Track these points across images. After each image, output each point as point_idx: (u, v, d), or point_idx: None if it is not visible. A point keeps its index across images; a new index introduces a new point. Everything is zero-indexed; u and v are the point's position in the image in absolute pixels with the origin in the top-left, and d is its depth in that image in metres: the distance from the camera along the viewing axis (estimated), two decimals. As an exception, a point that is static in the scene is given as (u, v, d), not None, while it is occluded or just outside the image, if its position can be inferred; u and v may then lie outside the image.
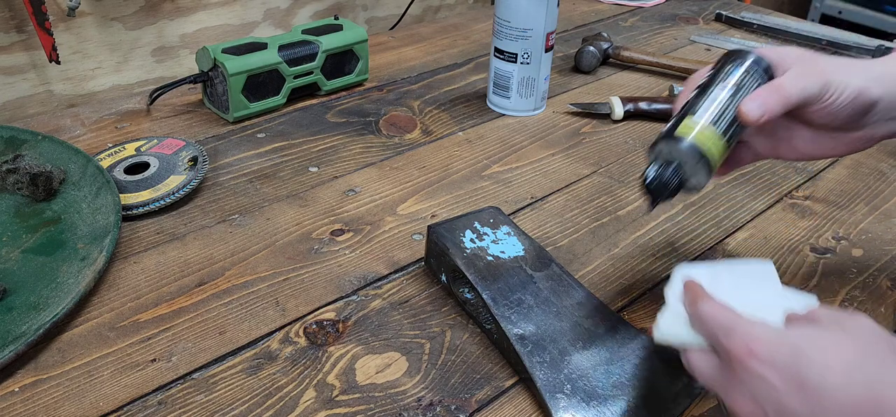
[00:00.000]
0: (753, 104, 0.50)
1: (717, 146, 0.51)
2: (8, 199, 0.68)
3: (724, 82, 0.52)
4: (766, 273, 0.50)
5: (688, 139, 0.50)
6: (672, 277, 0.50)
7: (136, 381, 0.52)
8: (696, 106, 0.52)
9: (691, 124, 0.51)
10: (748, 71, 0.52)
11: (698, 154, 0.50)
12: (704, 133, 0.50)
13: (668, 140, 0.51)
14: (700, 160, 0.50)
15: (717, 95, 0.52)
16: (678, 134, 0.51)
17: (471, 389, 0.53)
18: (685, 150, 0.50)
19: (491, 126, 0.91)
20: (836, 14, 2.42)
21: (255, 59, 0.86)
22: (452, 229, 0.63)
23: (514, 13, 0.88)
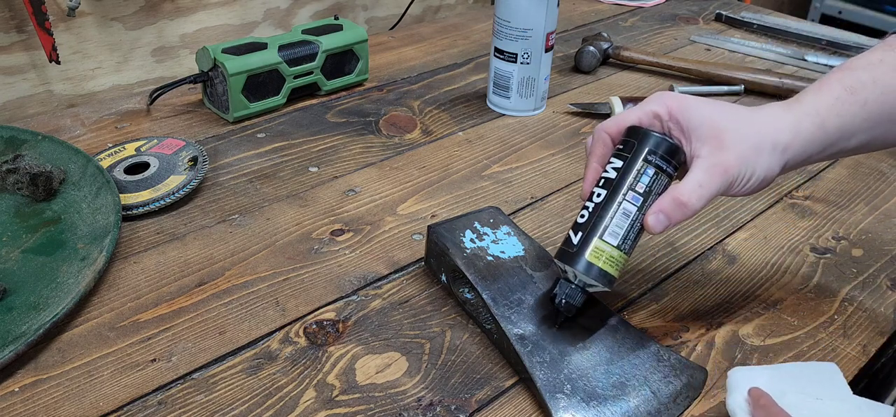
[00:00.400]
0: (657, 219, 0.51)
1: (620, 264, 0.53)
2: (8, 199, 0.68)
3: (632, 189, 0.52)
4: (833, 378, 0.50)
5: (594, 264, 0.52)
6: (729, 385, 0.50)
7: (136, 381, 0.52)
8: (602, 222, 0.52)
9: (598, 247, 0.52)
10: (657, 171, 0.52)
11: (605, 276, 0.52)
12: (610, 256, 0.52)
13: (573, 262, 0.52)
14: (607, 279, 0.52)
15: (626, 209, 0.52)
16: (586, 257, 0.52)
17: (471, 389, 0.53)
18: (593, 275, 0.52)
19: (491, 126, 0.91)
20: (836, 14, 2.42)
21: (255, 59, 0.86)
22: (452, 229, 0.63)
23: (514, 13, 0.88)
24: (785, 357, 0.57)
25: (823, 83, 0.54)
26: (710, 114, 0.52)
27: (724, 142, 0.51)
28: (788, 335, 0.60)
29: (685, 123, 0.52)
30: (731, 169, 0.51)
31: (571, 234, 0.53)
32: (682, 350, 0.57)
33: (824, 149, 0.53)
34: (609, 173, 0.53)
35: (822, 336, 0.60)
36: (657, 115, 0.53)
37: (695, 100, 0.53)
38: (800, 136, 0.52)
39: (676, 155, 0.53)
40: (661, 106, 0.53)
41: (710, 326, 0.60)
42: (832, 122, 0.52)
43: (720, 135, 0.51)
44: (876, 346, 0.59)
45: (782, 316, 0.62)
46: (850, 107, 0.52)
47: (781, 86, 1.01)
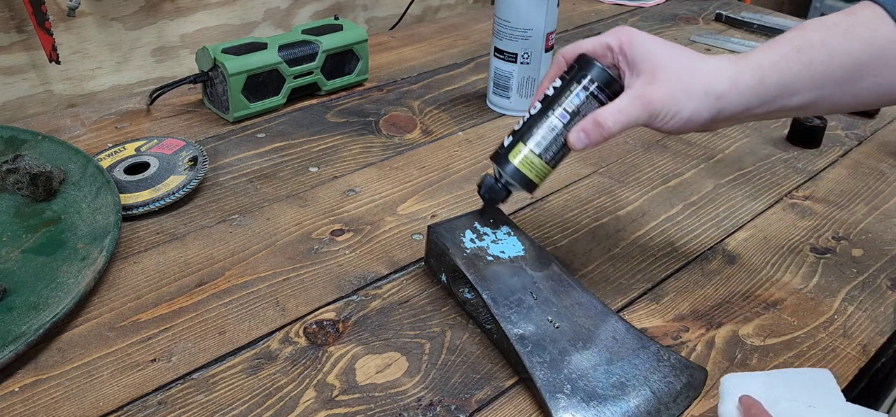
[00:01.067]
0: (577, 136, 0.55)
1: (540, 171, 0.58)
2: (8, 199, 0.68)
3: (563, 107, 0.56)
4: (826, 385, 0.50)
5: (514, 164, 0.58)
6: (722, 392, 0.51)
7: (136, 381, 0.52)
8: (531, 132, 0.57)
9: (521, 151, 0.57)
10: (590, 96, 0.56)
11: (523, 177, 0.58)
12: (531, 161, 0.57)
13: (500, 162, 0.58)
14: (525, 181, 0.58)
15: (553, 123, 0.57)
16: (510, 158, 0.58)
17: (471, 389, 0.53)
18: (511, 174, 0.58)
19: (491, 126, 0.91)
20: (836, 14, 2.42)
21: (255, 59, 0.86)
22: (452, 229, 0.63)
23: (514, 13, 0.88)
24: (785, 357, 0.57)
25: (774, 41, 0.55)
26: (655, 51, 0.54)
27: (656, 76, 0.53)
28: (788, 335, 0.60)
29: (631, 56, 0.55)
30: (655, 102, 0.53)
31: (506, 138, 0.59)
32: (682, 351, 0.57)
33: (763, 104, 0.54)
34: (549, 91, 0.58)
35: (822, 336, 0.60)
36: (609, 46, 0.56)
37: (646, 36, 0.55)
38: (737, 87, 0.53)
39: (611, 85, 0.56)
40: (614, 38, 0.56)
41: (710, 326, 0.60)
42: (772, 78, 0.53)
43: (656, 70, 0.53)
44: (876, 346, 0.59)
45: (782, 316, 0.62)
46: (793, 65, 0.53)
47: (781, 86, 1.01)
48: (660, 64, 0.54)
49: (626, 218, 0.74)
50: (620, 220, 0.74)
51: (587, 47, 0.57)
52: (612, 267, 0.67)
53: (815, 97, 0.54)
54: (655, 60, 0.54)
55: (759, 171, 0.84)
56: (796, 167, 0.85)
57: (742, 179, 0.82)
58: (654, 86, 0.53)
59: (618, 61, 0.56)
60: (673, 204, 0.77)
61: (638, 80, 0.54)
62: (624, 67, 0.56)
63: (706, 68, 0.54)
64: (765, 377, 0.51)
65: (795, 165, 0.86)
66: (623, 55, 0.55)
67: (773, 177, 0.83)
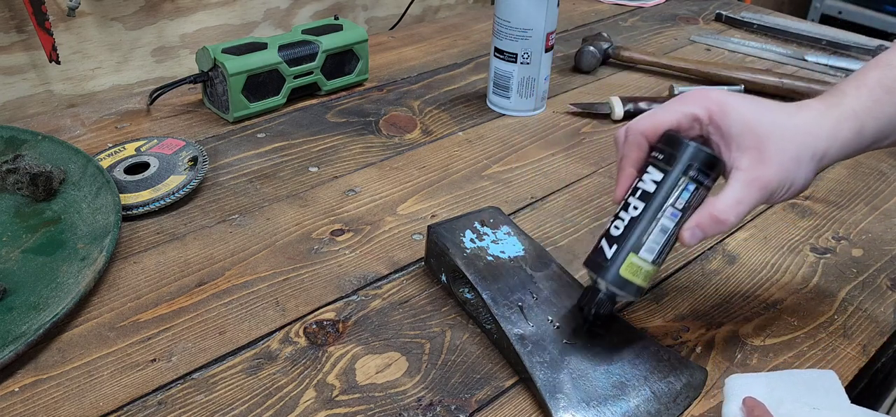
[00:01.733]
0: (692, 235, 0.50)
1: (649, 275, 0.52)
2: (8, 199, 0.68)
3: (672, 205, 0.51)
4: (831, 386, 0.50)
5: (626, 277, 0.51)
6: (726, 392, 0.50)
7: (136, 381, 0.52)
8: (640, 238, 0.51)
9: (632, 260, 0.51)
10: (697, 186, 0.51)
11: (637, 288, 0.51)
12: (643, 269, 0.51)
13: (606, 275, 0.51)
14: (637, 291, 0.52)
15: (663, 225, 0.51)
16: (620, 271, 0.51)
17: (471, 389, 0.53)
18: (622, 286, 0.51)
19: (491, 126, 0.91)
20: (836, 14, 2.42)
21: (255, 59, 0.86)
22: (452, 229, 0.63)
23: (514, 13, 0.88)
24: (785, 357, 0.57)
25: (862, 80, 0.52)
26: (751, 120, 0.50)
27: (764, 153, 0.49)
28: (788, 335, 0.60)
29: (725, 129, 0.51)
30: (771, 183, 0.50)
31: (605, 246, 0.52)
32: (682, 351, 0.57)
33: (859, 151, 0.52)
34: (646, 185, 0.51)
35: (822, 336, 0.60)
36: (696, 119, 0.52)
37: (735, 102, 0.51)
38: (837, 142, 0.51)
39: (716, 167, 0.51)
40: (700, 108, 0.51)
41: (710, 326, 0.60)
42: (870, 126, 0.51)
43: (761, 144, 0.49)
44: (876, 346, 0.59)
45: (782, 316, 0.62)
46: (887, 108, 0.51)
47: (781, 85, 1.01)
48: (763, 135, 0.49)
49: (626, 218, 0.74)
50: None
51: (670, 120, 0.52)
52: (612, 267, 0.67)
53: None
54: (757, 132, 0.50)
55: (759, 171, 0.84)
56: (796, 167, 0.85)
57: (742, 179, 0.82)
58: (766, 166, 0.49)
59: (708, 133, 0.52)
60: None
61: (744, 159, 0.50)
62: (717, 140, 0.51)
63: (805, 128, 0.50)
64: (769, 378, 0.51)
65: (795, 165, 0.85)
66: (715, 127, 0.51)
67: (773, 177, 0.83)
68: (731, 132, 0.50)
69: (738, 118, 0.50)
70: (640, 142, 0.53)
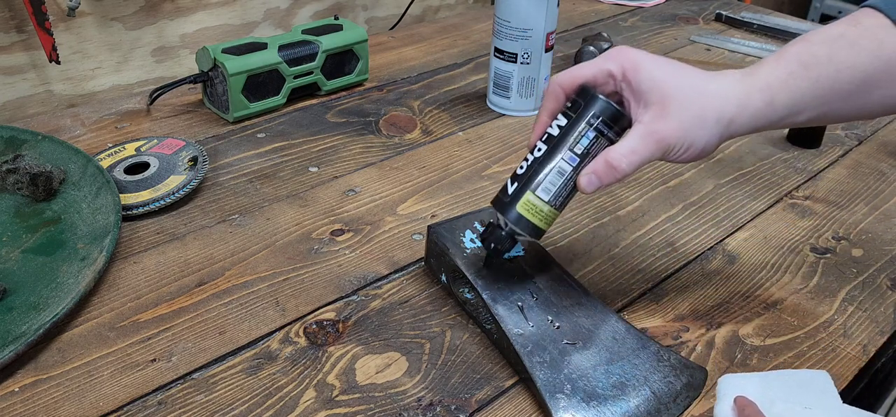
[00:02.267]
0: (588, 180, 0.52)
1: (548, 217, 0.54)
2: (8, 199, 0.68)
3: (571, 149, 0.53)
4: (824, 387, 0.50)
5: (521, 212, 0.54)
6: (719, 392, 0.51)
7: (136, 381, 0.52)
8: (537, 176, 0.53)
9: (528, 198, 0.54)
10: (598, 135, 0.53)
11: (531, 225, 0.54)
12: (539, 208, 0.54)
13: (505, 209, 0.54)
14: (533, 229, 0.54)
15: (561, 167, 0.53)
16: (516, 206, 0.54)
17: (471, 389, 0.53)
18: (517, 222, 0.54)
19: (491, 126, 0.91)
20: (835, 14, 2.42)
21: (255, 59, 0.86)
22: (452, 229, 0.63)
23: (514, 13, 0.88)
24: (785, 357, 0.57)
25: (780, 56, 0.53)
26: (661, 78, 0.52)
27: (667, 109, 0.51)
28: (788, 335, 0.60)
29: (636, 85, 0.52)
30: (668, 138, 0.51)
31: (508, 183, 0.55)
32: (682, 351, 0.57)
33: (771, 124, 0.53)
34: (552, 130, 0.54)
35: (822, 336, 0.60)
36: (611, 74, 0.53)
37: (649, 61, 0.52)
38: (747, 111, 0.52)
39: (620, 121, 0.53)
40: (616, 64, 0.53)
41: (710, 326, 0.60)
42: (782, 99, 0.52)
43: (665, 101, 0.51)
44: (876, 346, 0.59)
45: (782, 316, 0.62)
46: (801, 83, 0.51)
47: (781, 86, 1.01)
48: (668, 94, 0.51)
49: (626, 218, 0.74)
50: (620, 220, 0.74)
51: (586, 75, 0.54)
52: (612, 267, 0.67)
53: (818, 113, 0.53)
54: (663, 90, 0.51)
55: (759, 171, 0.84)
56: (796, 167, 0.85)
57: (742, 179, 0.82)
58: (665, 120, 0.51)
59: (621, 89, 0.53)
60: (673, 204, 0.77)
61: (646, 114, 0.51)
62: (628, 96, 0.53)
63: (715, 92, 0.52)
64: (762, 377, 0.51)
65: (795, 165, 0.86)
66: (627, 83, 0.52)
67: (773, 177, 0.83)
68: (641, 88, 0.52)
69: (648, 76, 0.52)
70: (557, 93, 0.55)
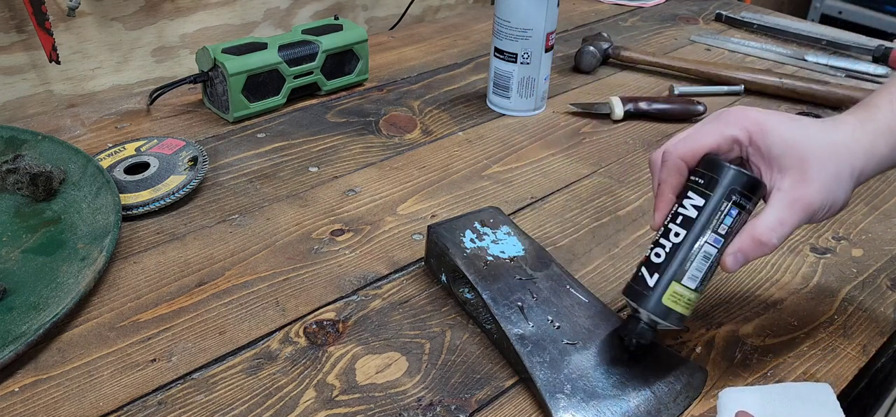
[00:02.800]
0: (734, 260, 0.49)
1: (692, 303, 0.51)
2: (8, 199, 0.68)
3: (714, 231, 0.50)
4: (826, 400, 0.50)
5: (669, 305, 0.50)
6: (719, 406, 0.50)
7: (136, 381, 0.52)
8: (682, 265, 0.50)
9: (674, 288, 0.50)
10: (740, 210, 0.50)
11: (679, 317, 0.51)
12: (686, 297, 0.50)
13: (647, 304, 0.50)
14: (680, 320, 0.51)
15: (706, 252, 0.50)
16: (662, 300, 0.50)
17: (471, 389, 0.53)
18: (665, 315, 0.50)
19: (491, 126, 0.91)
20: (836, 14, 2.42)
21: (255, 59, 0.86)
22: (452, 229, 0.63)
23: (514, 13, 0.88)
24: (785, 357, 0.57)
25: (893, 93, 0.52)
26: (792, 140, 0.49)
27: (806, 173, 0.49)
28: (788, 335, 0.60)
29: (765, 150, 0.50)
30: (814, 203, 0.49)
31: (646, 274, 0.51)
32: (682, 351, 0.57)
33: (893, 165, 0.52)
34: (687, 211, 0.50)
35: (822, 336, 0.60)
36: (736, 140, 0.51)
37: (774, 122, 0.50)
38: (874, 159, 0.50)
39: (758, 190, 0.50)
40: (740, 129, 0.51)
41: (710, 326, 0.60)
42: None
43: (803, 164, 0.49)
44: (876, 346, 0.59)
45: (782, 316, 0.62)
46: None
47: (781, 85, 1.01)
48: (804, 156, 0.49)
49: (626, 218, 0.74)
50: (620, 220, 0.74)
51: (709, 143, 0.51)
52: (612, 267, 0.67)
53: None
54: (798, 152, 0.49)
55: (759, 171, 0.84)
56: (796, 167, 0.85)
57: (742, 179, 0.82)
58: (807, 185, 0.49)
59: (748, 155, 0.51)
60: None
61: (785, 180, 0.49)
62: (756, 161, 0.51)
63: (843, 145, 0.50)
64: (763, 391, 0.51)
65: (795, 165, 0.85)
66: (755, 148, 0.50)
67: (773, 177, 0.83)
68: (772, 153, 0.50)
69: (779, 138, 0.50)
70: (679, 166, 0.52)
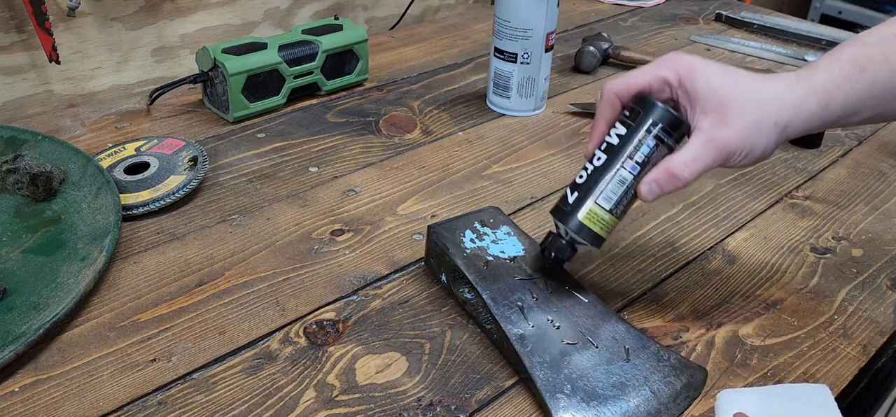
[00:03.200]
0: (649, 188, 0.53)
1: (608, 225, 0.55)
2: (8, 199, 0.68)
3: (632, 158, 0.53)
4: (824, 402, 0.50)
5: (582, 220, 0.55)
6: (718, 407, 0.50)
7: (136, 381, 0.52)
8: (597, 185, 0.54)
9: (589, 206, 0.54)
10: (658, 143, 0.53)
11: (592, 234, 0.55)
12: (600, 216, 0.54)
13: (565, 219, 0.55)
14: (594, 237, 0.55)
15: (622, 176, 0.54)
16: (577, 215, 0.55)
17: (471, 389, 0.53)
18: (578, 230, 0.55)
19: (491, 126, 0.91)
20: (836, 14, 2.42)
21: (255, 59, 0.86)
22: (452, 229, 0.63)
23: (514, 13, 0.88)
24: (785, 357, 0.57)
25: (835, 57, 0.53)
26: (718, 84, 0.52)
27: (726, 116, 0.51)
28: (788, 335, 0.60)
29: (692, 92, 0.52)
30: (729, 145, 0.51)
31: (568, 192, 0.56)
32: (682, 351, 0.57)
33: (824, 125, 0.53)
34: (611, 139, 0.54)
35: (822, 336, 0.60)
36: (667, 81, 0.53)
37: (705, 68, 0.52)
38: (802, 114, 0.52)
39: (679, 128, 0.53)
40: (671, 71, 0.53)
41: (710, 326, 0.60)
42: (837, 102, 0.52)
43: (723, 108, 0.51)
44: (876, 346, 0.59)
45: (782, 316, 0.62)
46: (857, 85, 0.51)
47: (781, 86, 1.01)
48: (727, 100, 0.51)
49: (626, 218, 0.74)
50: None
51: (642, 82, 0.54)
52: (612, 267, 0.67)
53: (872, 114, 0.53)
54: (721, 96, 0.51)
55: (759, 171, 0.84)
56: (796, 167, 0.85)
57: (742, 179, 0.82)
58: (726, 127, 0.51)
59: (677, 96, 0.53)
60: (673, 204, 0.77)
61: (705, 120, 0.52)
62: (685, 103, 0.53)
63: (772, 96, 0.52)
64: (761, 392, 0.51)
65: (795, 165, 0.86)
66: (683, 90, 0.53)
67: (773, 177, 0.83)
68: (697, 95, 0.52)
69: (705, 82, 0.52)
70: (613, 101, 0.55)
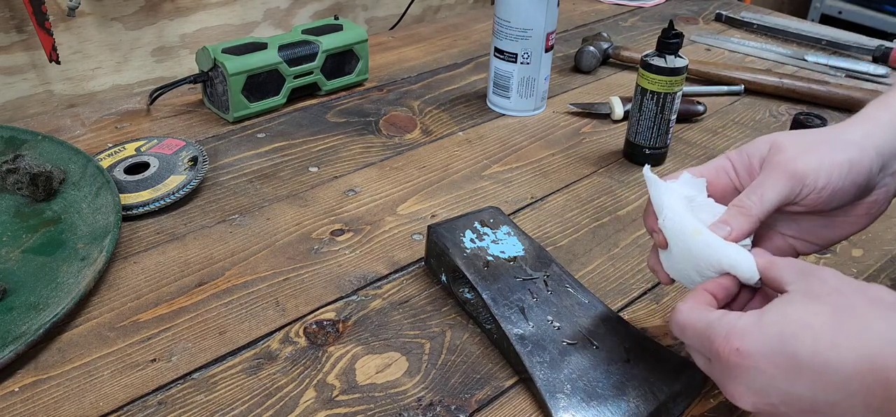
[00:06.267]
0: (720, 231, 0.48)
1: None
2: (8, 199, 0.68)
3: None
4: (694, 184, 0.52)
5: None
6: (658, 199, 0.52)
7: (136, 381, 0.52)
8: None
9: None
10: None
11: None
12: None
13: None
14: None
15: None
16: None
17: (471, 389, 0.53)
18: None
19: (491, 126, 0.91)
20: (836, 14, 2.42)
21: (255, 59, 0.86)
22: (452, 229, 0.63)
23: (514, 13, 0.88)
24: (785, 357, 0.57)
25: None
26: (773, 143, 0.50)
27: (788, 153, 0.48)
28: (788, 335, 0.60)
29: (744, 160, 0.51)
30: (799, 171, 0.47)
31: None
32: (683, 351, 0.57)
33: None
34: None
35: (822, 336, 0.60)
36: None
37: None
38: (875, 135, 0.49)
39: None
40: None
41: (710, 326, 0.60)
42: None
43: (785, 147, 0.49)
44: (876, 346, 0.59)
45: (782, 316, 0.62)
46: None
47: (781, 85, 1.01)
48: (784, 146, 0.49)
49: (625, 218, 0.74)
50: (620, 220, 0.74)
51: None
52: (612, 267, 0.67)
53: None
54: (775, 145, 0.49)
55: (759, 171, 0.84)
56: (796, 167, 0.85)
57: (742, 179, 0.82)
58: (795, 161, 0.48)
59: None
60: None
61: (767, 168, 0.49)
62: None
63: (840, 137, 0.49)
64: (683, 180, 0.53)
65: (795, 165, 0.85)
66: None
67: (773, 177, 0.83)
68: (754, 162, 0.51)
69: (758, 147, 0.51)
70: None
